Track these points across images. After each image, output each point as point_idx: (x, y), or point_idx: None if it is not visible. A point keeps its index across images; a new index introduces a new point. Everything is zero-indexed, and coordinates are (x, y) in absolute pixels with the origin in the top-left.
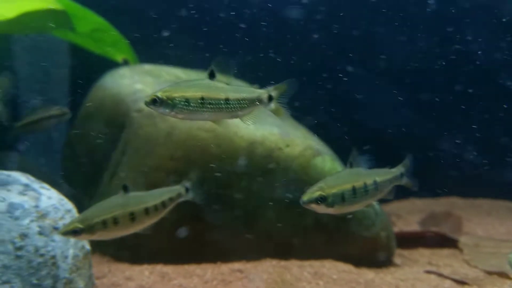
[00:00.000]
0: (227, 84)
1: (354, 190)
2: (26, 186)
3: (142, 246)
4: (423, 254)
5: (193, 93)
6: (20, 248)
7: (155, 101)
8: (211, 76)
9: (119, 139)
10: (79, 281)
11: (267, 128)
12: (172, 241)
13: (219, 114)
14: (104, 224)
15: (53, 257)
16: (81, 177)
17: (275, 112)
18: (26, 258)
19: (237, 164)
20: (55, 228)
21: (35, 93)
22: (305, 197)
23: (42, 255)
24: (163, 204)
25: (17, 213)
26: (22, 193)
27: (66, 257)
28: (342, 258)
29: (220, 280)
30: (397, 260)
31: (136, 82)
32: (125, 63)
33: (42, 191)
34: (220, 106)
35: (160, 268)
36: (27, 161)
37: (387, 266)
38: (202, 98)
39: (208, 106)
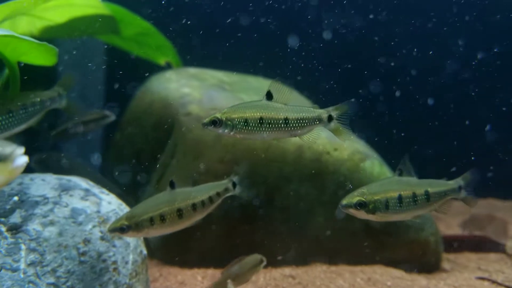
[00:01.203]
0: (285, 104)
1: (400, 199)
2: (87, 191)
3: (190, 249)
4: (470, 259)
5: (252, 114)
6: (83, 254)
7: (214, 123)
8: (268, 97)
9: (167, 142)
10: (138, 286)
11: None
12: (221, 245)
13: (278, 133)
14: (151, 222)
15: (115, 262)
16: (127, 178)
17: (335, 131)
18: (90, 264)
19: None
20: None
21: (79, 95)
22: (344, 201)
23: (104, 260)
24: (211, 200)
25: (80, 218)
26: (83, 199)
27: (126, 262)
28: (391, 263)
29: (273, 286)
30: (445, 265)
31: (183, 86)
32: (168, 66)
33: (102, 196)
34: (279, 125)
35: (211, 272)
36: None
37: (436, 272)
38: (261, 119)
39: (267, 126)
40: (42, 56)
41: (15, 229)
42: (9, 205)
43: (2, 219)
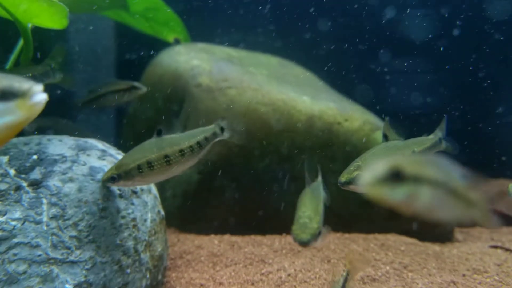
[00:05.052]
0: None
1: None
2: (103, 151)
3: (205, 218)
4: (482, 231)
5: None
6: (103, 209)
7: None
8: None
9: (179, 114)
10: (157, 244)
11: (323, 103)
12: (235, 213)
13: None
14: (139, 169)
15: (134, 219)
16: None
17: None
18: (109, 219)
19: None
20: (134, 192)
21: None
22: (343, 178)
23: (123, 217)
24: (199, 145)
25: (99, 176)
26: (100, 158)
27: (145, 220)
28: (404, 233)
29: (289, 250)
30: (458, 236)
31: (193, 58)
32: (177, 42)
33: (119, 157)
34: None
35: (228, 237)
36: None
37: (450, 241)
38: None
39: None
40: (53, 19)
41: (35, 185)
42: (28, 163)
43: (23, 175)
